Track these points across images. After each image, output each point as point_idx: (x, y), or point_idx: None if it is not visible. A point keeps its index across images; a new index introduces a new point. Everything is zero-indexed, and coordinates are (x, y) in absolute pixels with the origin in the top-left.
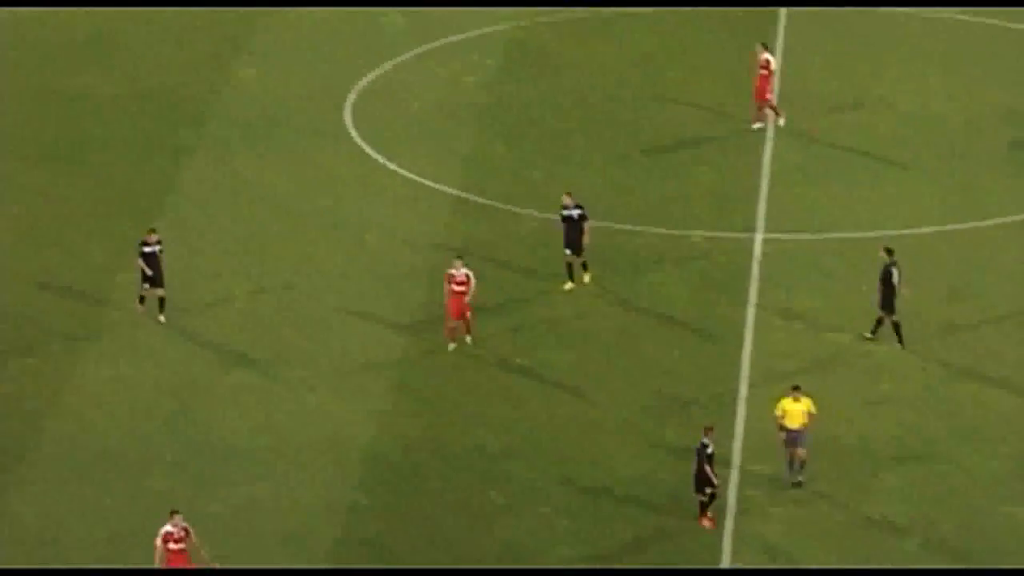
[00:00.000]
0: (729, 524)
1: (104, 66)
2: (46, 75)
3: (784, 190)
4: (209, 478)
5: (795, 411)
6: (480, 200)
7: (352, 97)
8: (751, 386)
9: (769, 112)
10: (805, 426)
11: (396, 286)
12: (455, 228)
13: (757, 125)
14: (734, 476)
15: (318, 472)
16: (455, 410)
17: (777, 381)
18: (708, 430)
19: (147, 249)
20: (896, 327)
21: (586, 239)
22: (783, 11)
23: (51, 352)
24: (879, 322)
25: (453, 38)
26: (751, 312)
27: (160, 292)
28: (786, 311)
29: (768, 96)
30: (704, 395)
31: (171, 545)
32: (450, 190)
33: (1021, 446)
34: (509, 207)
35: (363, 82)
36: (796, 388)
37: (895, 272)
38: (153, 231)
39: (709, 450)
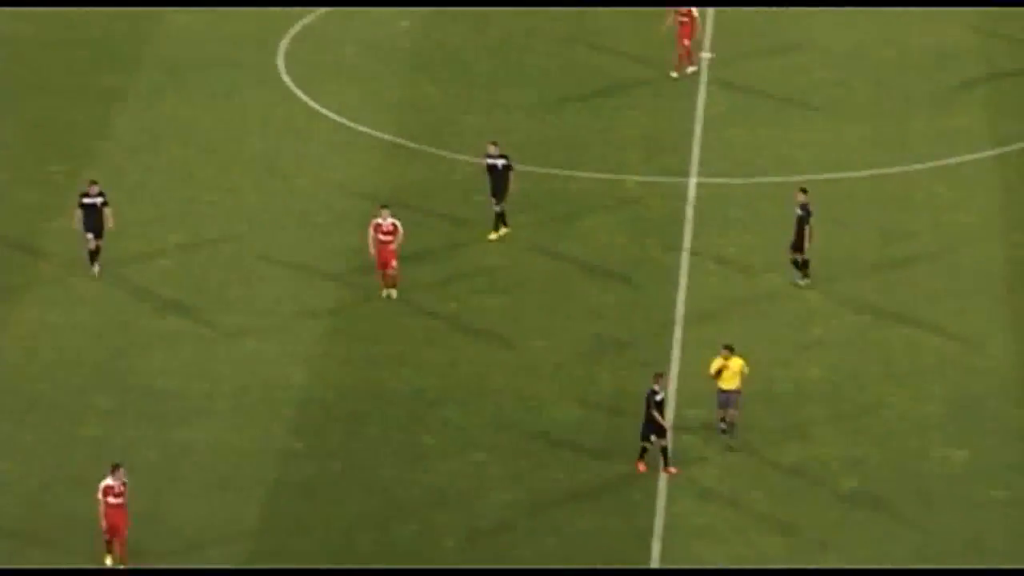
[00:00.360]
0: (662, 475)
1: (34, 10)
2: None
3: (717, 134)
4: (143, 424)
5: (728, 372)
6: (413, 145)
7: (285, 42)
8: (685, 330)
9: (688, 59)
10: (739, 387)
11: (329, 232)
12: (387, 173)
13: (691, 69)
14: (668, 420)
15: (253, 417)
16: (389, 355)
17: (711, 324)
18: (658, 376)
19: (86, 200)
20: (803, 264)
21: (512, 187)
22: None
23: None
24: (796, 263)
25: None
26: (685, 256)
27: (99, 242)
28: (720, 255)
29: (686, 42)
30: (639, 339)
31: (111, 499)
32: (383, 135)
33: (954, 388)
34: (442, 152)
35: (296, 27)
36: (728, 348)
37: (808, 212)
38: (94, 183)
39: (658, 397)
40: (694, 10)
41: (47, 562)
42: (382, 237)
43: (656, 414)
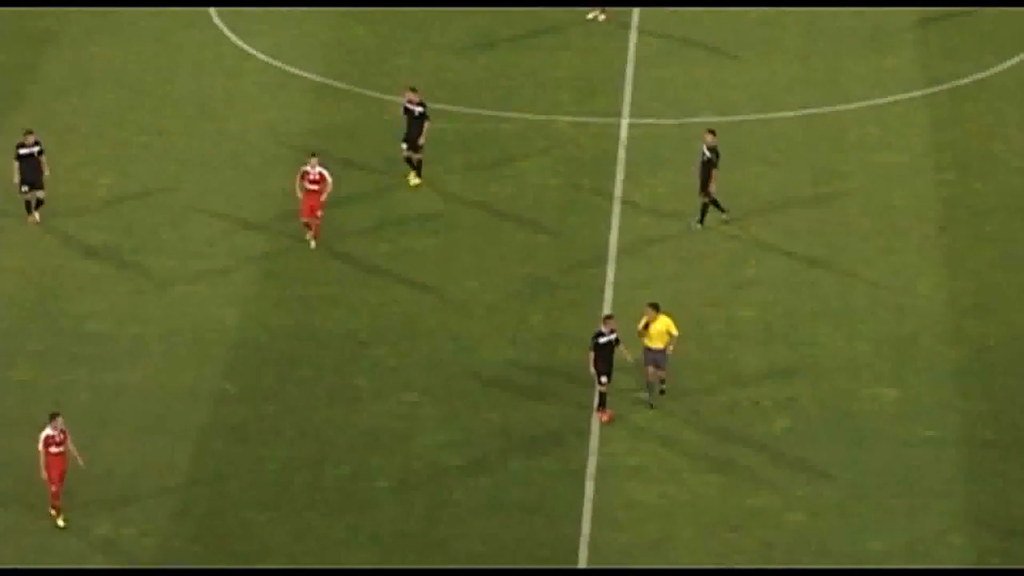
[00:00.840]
0: (594, 415)
1: None
2: None
3: (649, 75)
4: (75, 367)
5: (656, 331)
6: (343, 86)
7: None
8: (617, 270)
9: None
10: (666, 346)
11: (261, 174)
12: (318, 114)
13: (591, 15)
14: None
15: (185, 360)
16: (321, 297)
17: (643, 265)
18: (607, 319)
19: (23, 151)
20: (703, 208)
21: (422, 140)
22: None
23: None
24: (711, 205)
25: None
26: (617, 197)
27: (40, 194)
28: (652, 195)
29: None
30: (570, 279)
31: (52, 448)
32: (313, 76)
33: (884, 327)
34: (373, 93)
35: None
36: (653, 305)
37: (714, 154)
38: (30, 132)
39: (601, 340)
40: None
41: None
42: (308, 185)
43: (593, 355)
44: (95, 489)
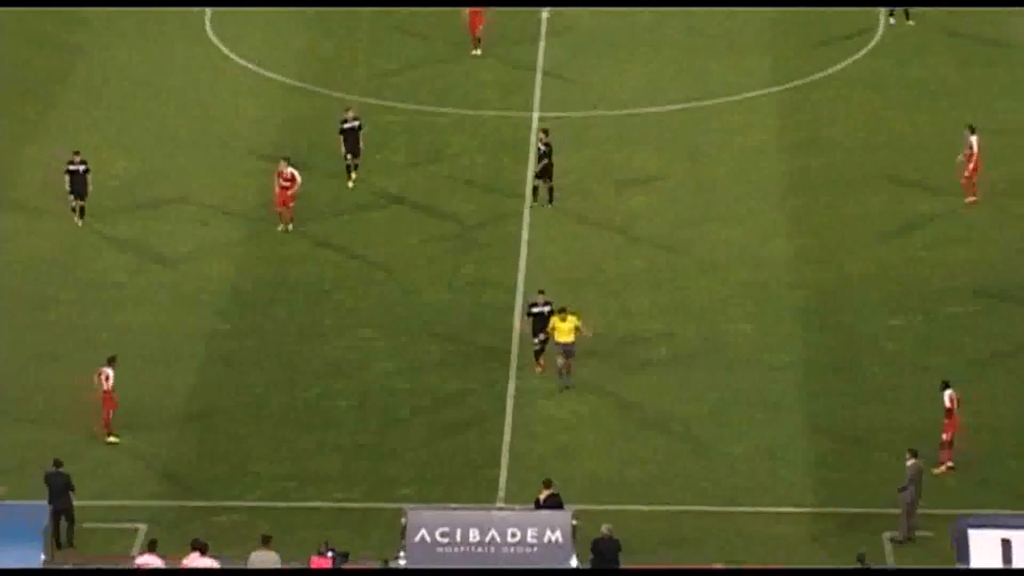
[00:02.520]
0: (515, 347)
1: None
2: None
3: (555, 76)
4: (95, 311)
5: (564, 328)
6: (310, 87)
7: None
8: (531, 231)
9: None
10: (574, 341)
11: (243, 154)
12: (288, 109)
13: (476, 51)
14: (518, 303)
15: (184, 305)
16: (293, 256)
17: (553, 227)
18: (540, 292)
19: (71, 167)
20: (550, 192)
21: (361, 145)
22: None
23: None
24: (536, 189)
25: None
26: (531, 174)
27: (82, 203)
28: (558, 172)
29: (479, 27)
30: (494, 238)
31: (107, 384)
32: (285, 79)
33: (744, 275)
34: (335, 93)
35: None
36: (563, 310)
37: (549, 148)
38: (77, 153)
39: (534, 310)
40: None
41: (39, 434)
42: (282, 182)
43: (528, 319)
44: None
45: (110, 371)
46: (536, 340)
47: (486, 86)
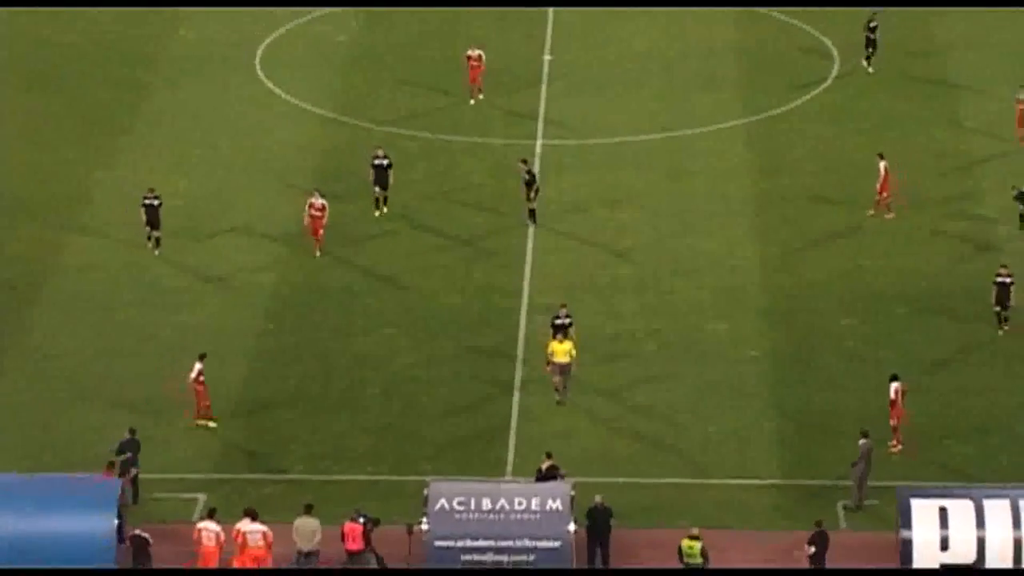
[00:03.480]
0: (520, 343)
1: (88, 22)
2: (45, 30)
3: (557, 109)
4: (157, 311)
5: (560, 350)
6: (343, 118)
7: (261, 49)
8: (534, 241)
9: (477, 92)
10: (569, 362)
11: (285, 176)
12: (325, 137)
13: (477, 99)
14: (523, 305)
15: (234, 306)
16: (327, 263)
17: (553, 237)
18: (563, 306)
19: (146, 202)
20: (531, 213)
21: (391, 180)
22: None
23: (41, 220)
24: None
25: (329, 9)
26: (535, 192)
27: (157, 233)
28: (558, 191)
29: (479, 79)
30: (502, 248)
31: (201, 377)
32: (326, 112)
33: (719, 280)
34: (364, 124)
35: (268, 39)
36: (564, 331)
37: (533, 176)
38: (152, 189)
39: (557, 321)
40: (483, 55)
41: (112, 416)
42: (314, 213)
43: (551, 329)
44: (179, 397)
45: (199, 365)
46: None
47: (494, 118)
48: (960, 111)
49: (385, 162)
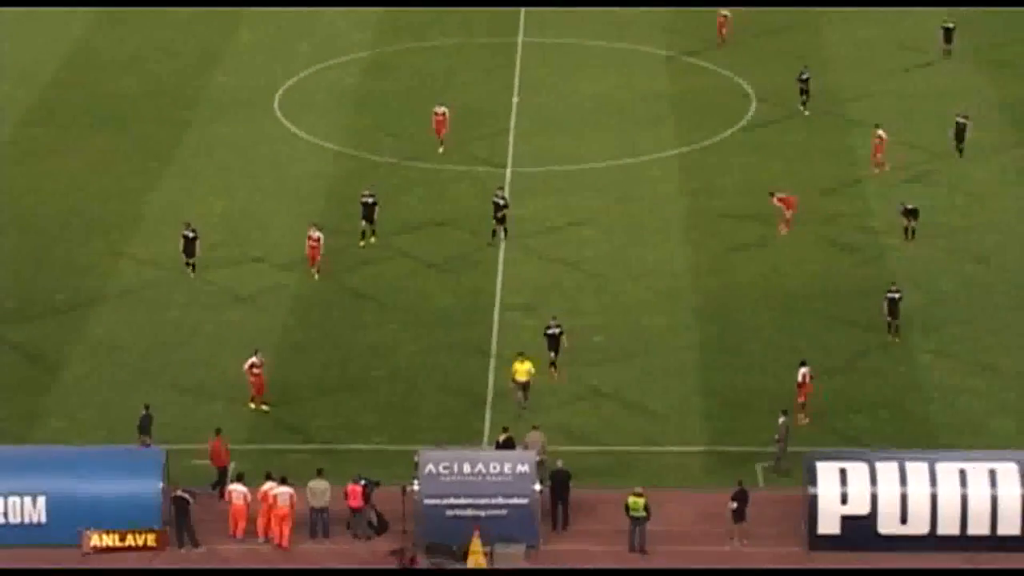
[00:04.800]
0: (495, 335)
1: (138, 73)
2: (109, 80)
3: (525, 141)
4: (203, 311)
5: (521, 370)
6: (354, 152)
7: (280, 93)
8: (507, 252)
9: (443, 142)
10: (528, 380)
11: (304, 199)
12: (337, 168)
13: (441, 149)
14: (497, 304)
15: (265, 306)
16: (339, 272)
17: (523, 252)
18: (553, 317)
19: (185, 234)
20: (505, 231)
21: (376, 215)
22: (520, 41)
23: (103, 235)
24: (495, 232)
25: (337, 59)
26: (509, 212)
27: (192, 260)
28: (526, 211)
29: (443, 132)
30: (484, 258)
31: (255, 370)
32: (336, 146)
33: (660, 283)
34: (372, 157)
35: (286, 84)
36: (521, 353)
37: (505, 203)
38: (189, 223)
39: (549, 331)
40: (447, 111)
41: (164, 397)
42: (312, 243)
43: (546, 340)
44: (220, 383)
45: (254, 358)
46: (551, 356)
47: (476, 147)
48: (854, 143)
49: (371, 199)
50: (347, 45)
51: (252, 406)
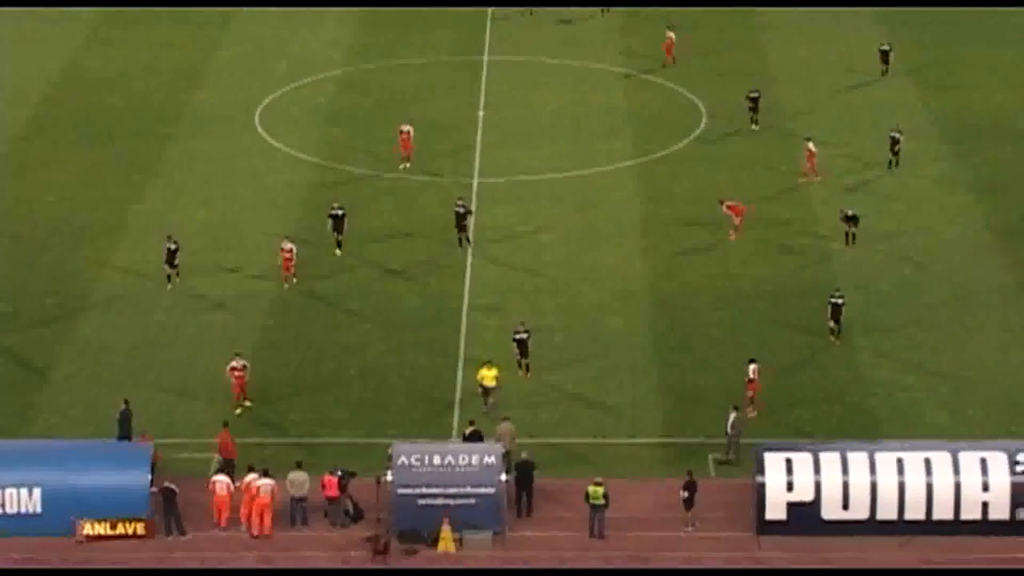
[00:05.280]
0: (462, 335)
1: (123, 91)
2: (95, 96)
3: (490, 152)
4: (190, 313)
5: (488, 375)
6: (326, 163)
7: (260, 108)
8: (474, 256)
9: (407, 160)
10: (497, 385)
11: (282, 207)
12: (313, 178)
13: (404, 166)
14: (465, 305)
15: (246, 308)
16: (319, 275)
17: (488, 258)
18: (521, 323)
19: (168, 246)
20: (467, 239)
21: (345, 228)
22: (485, 59)
23: (91, 243)
24: (463, 239)
25: (313, 77)
26: (472, 219)
27: (173, 271)
28: (492, 218)
29: (409, 149)
30: (451, 262)
31: (236, 373)
32: (312, 158)
33: (617, 286)
34: (347, 168)
35: (265, 101)
36: (489, 362)
37: (468, 211)
38: (171, 236)
39: (517, 336)
40: (410, 131)
41: (149, 395)
42: (284, 255)
43: (514, 344)
44: (200, 382)
45: (234, 362)
46: (518, 360)
47: (442, 158)
48: (799, 155)
49: (340, 212)
50: (321, 64)
51: (238, 411)
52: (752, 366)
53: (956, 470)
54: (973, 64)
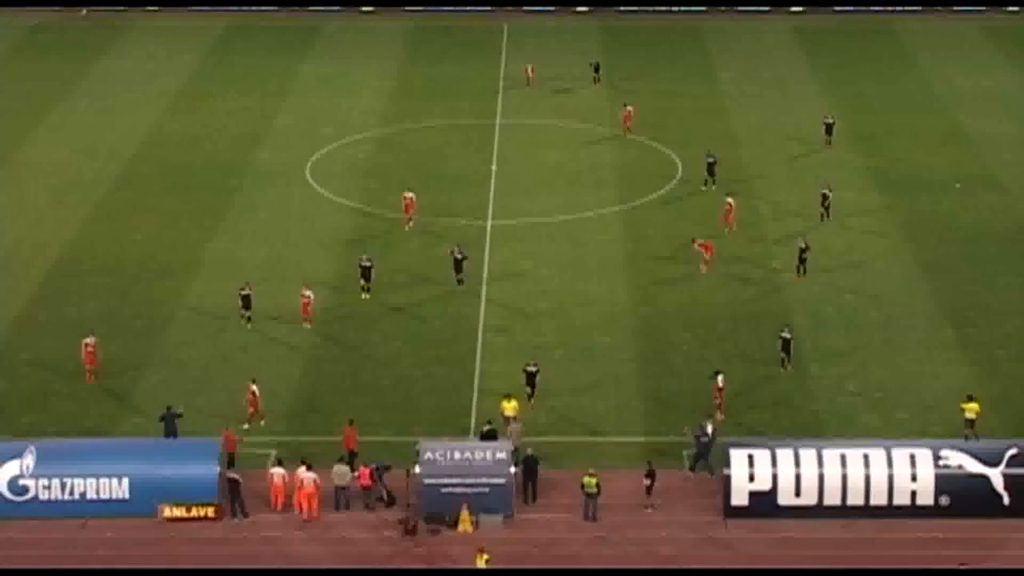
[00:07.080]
0: (479, 352)
1: (199, 150)
2: (176, 154)
3: (501, 200)
4: (256, 332)
5: (508, 407)
6: (367, 209)
7: (309, 164)
8: (488, 284)
9: (409, 222)
10: (516, 416)
11: (326, 245)
12: (355, 222)
13: (408, 226)
14: (480, 326)
15: (301, 329)
16: (355, 301)
17: (499, 286)
18: (533, 361)
19: (243, 292)
20: (461, 280)
21: (373, 277)
22: (497, 123)
23: (172, 276)
24: (460, 280)
25: (353, 138)
26: (487, 255)
27: (248, 313)
28: (503, 255)
29: (412, 211)
30: (467, 292)
31: (253, 397)
32: (354, 204)
33: (602, 309)
34: (382, 212)
35: (314, 158)
36: (507, 395)
37: (464, 256)
38: (248, 283)
39: (528, 369)
40: (413, 196)
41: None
42: (303, 300)
43: (524, 376)
44: (262, 390)
45: (254, 387)
46: (527, 390)
47: (461, 207)
48: (757, 204)
49: (369, 264)
50: (360, 127)
51: (245, 426)
52: (720, 378)
53: (889, 464)
54: (898, 130)
